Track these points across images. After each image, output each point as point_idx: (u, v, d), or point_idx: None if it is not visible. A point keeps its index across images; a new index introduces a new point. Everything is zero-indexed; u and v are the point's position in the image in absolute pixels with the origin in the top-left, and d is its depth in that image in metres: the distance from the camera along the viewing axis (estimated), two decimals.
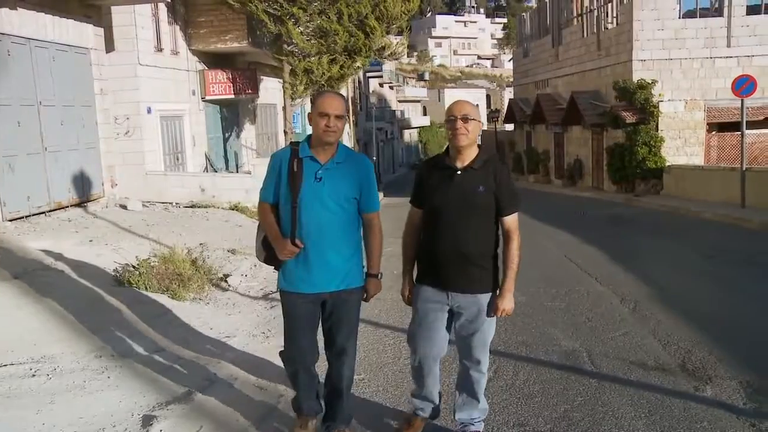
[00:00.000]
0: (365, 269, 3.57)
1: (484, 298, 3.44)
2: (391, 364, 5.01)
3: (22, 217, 9.48)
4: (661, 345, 5.33)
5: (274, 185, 3.44)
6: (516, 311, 6.29)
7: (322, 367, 3.64)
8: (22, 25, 9.41)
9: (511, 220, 3.45)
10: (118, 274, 7.18)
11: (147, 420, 3.81)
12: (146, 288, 6.82)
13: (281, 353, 3.64)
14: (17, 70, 9.36)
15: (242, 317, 6.33)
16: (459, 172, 3.41)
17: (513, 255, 3.43)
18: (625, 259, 9.22)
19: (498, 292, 3.47)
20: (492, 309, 3.45)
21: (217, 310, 6.63)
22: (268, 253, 3.51)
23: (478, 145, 3.46)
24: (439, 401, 3.78)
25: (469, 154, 3.42)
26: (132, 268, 7.34)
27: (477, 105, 3.44)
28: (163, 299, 6.59)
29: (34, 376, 4.32)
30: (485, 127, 49.16)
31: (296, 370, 3.56)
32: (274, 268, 3.54)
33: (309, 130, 3.50)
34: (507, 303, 3.43)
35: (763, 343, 5.40)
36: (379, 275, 3.57)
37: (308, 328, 3.49)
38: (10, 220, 9.17)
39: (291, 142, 3.54)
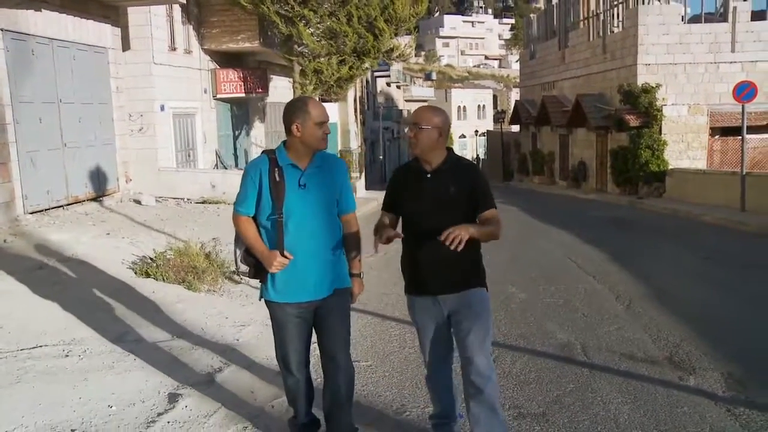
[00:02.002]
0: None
1: (472, 293, 3.36)
2: (397, 353, 5.34)
3: (42, 211, 9.84)
4: (651, 339, 5.65)
5: (254, 197, 3.32)
6: (515, 306, 6.71)
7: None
8: (45, 26, 9.78)
9: (490, 213, 3.31)
10: (136, 266, 7.54)
11: (173, 397, 4.16)
12: (164, 279, 7.17)
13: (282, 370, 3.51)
14: (40, 69, 9.72)
15: (255, 308, 6.64)
16: (429, 176, 3.35)
17: (493, 226, 3.26)
18: (623, 259, 9.52)
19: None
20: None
21: (231, 301, 6.97)
22: (253, 267, 3.38)
23: (448, 148, 3.43)
24: (458, 420, 3.64)
25: (436, 158, 3.34)
26: (150, 260, 7.70)
27: (437, 112, 3.35)
28: (179, 290, 6.94)
29: (67, 356, 4.68)
30: (491, 128, 49.44)
31: (295, 380, 3.47)
32: (260, 281, 3.42)
33: None
34: (460, 229, 3.06)
35: (749, 339, 5.71)
36: (362, 274, 3.55)
37: (303, 335, 3.43)
38: (31, 213, 9.53)
39: (264, 151, 3.42)
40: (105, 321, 5.56)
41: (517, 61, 46.89)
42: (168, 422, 3.82)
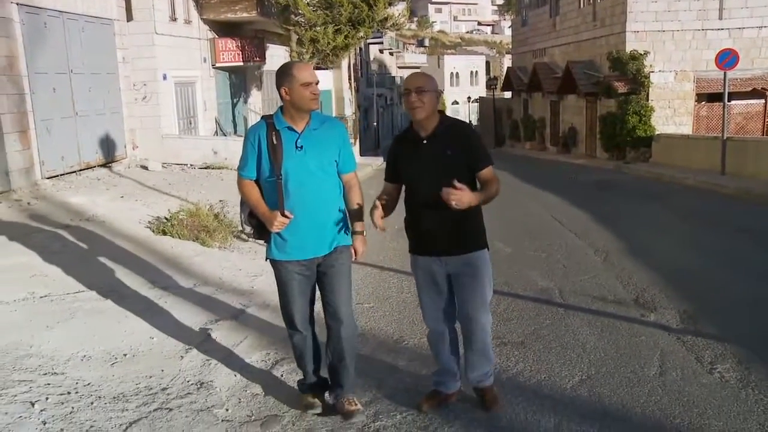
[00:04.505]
0: (350, 228, 3.62)
1: (475, 256, 3.52)
2: (395, 297, 6.03)
3: (57, 176, 10.42)
4: (622, 285, 6.34)
5: (254, 161, 3.47)
6: (501, 259, 7.39)
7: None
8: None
9: (487, 172, 3.47)
10: (153, 225, 8.16)
11: (204, 330, 4.85)
12: (179, 237, 7.81)
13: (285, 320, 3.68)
14: (52, 41, 10.22)
15: (265, 262, 7.26)
16: (425, 141, 3.48)
17: (490, 190, 3.43)
18: (605, 219, 10.18)
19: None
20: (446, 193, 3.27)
21: (242, 256, 7.61)
22: (255, 228, 3.58)
23: (440, 111, 3.54)
24: (458, 376, 3.82)
25: (431, 123, 3.48)
26: (165, 220, 8.32)
27: (432, 77, 3.59)
28: (195, 246, 7.58)
29: (107, 299, 5.33)
30: (483, 94, 49.82)
31: (301, 337, 3.64)
32: (264, 240, 3.61)
33: None
34: (461, 194, 3.25)
35: (708, 285, 6.38)
36: (364, 232, 3.62)
37: (305, 293, 3.59)
38: (48, 178, 10.11)
39: (263, 116, 3.57)
40: (133, 271, 6.20)
41: (510, 27, 47.09)
42: (203, 350, 4.49)
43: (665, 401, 3.83)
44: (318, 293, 3.68)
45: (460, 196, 3.25)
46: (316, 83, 3.41)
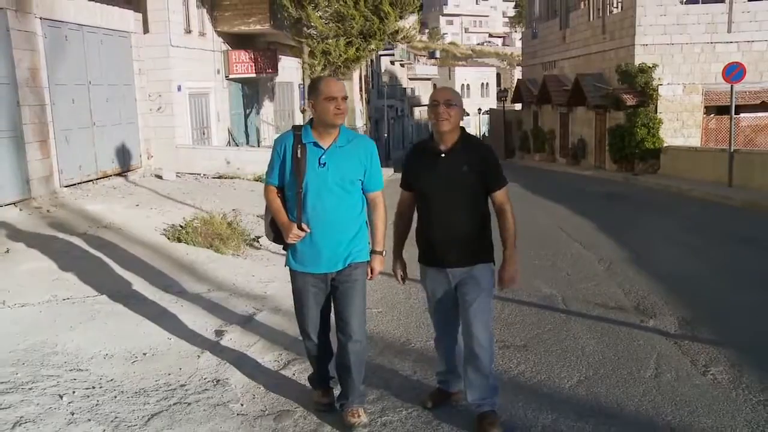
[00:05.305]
0: (370, 246, 3.67)
1: (479, 269, 3.61)
2: (403, 302, 6.23)
3: (75, 184, 10.73)
4: (624, 293, 6.51)
5: (278, 169, 3.54)
6: None
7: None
8: (76, 13, 10.61)
9: (501, 194, 3.60)
10: (168, 232, 8.40)
11: (218, 333, 5.07)
12: (194, 244, 8.03)
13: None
14: (72, 54, 10.56)
15: (277, 269, 7.49)
16: (443, 155, 3.56)
17: (508, 227, 3.58)
18: (611, 229, 10.34)
19: (502, 264, 3.63)
20: (499, 281, 3.62)
21: (255, 263, 7.83)
22: (276, 234, 3.65)
23: (461, 128, 3.63)
24: (462, 375, 3.89)
25: (452, 137, 3.57)
26: (180, 228, 8.56)
27: (459, 93, 3.71)
28: (209, 253, 7.80)
29: (125, 303, 5.57)
30: (494, 106, 50.08)
31: (313, 344, 3.76)
32: (283, 248, 3.69)
33: None
34: (509, 273, 3.60)
35: (707, 292, 6.56)
36: (383, 252, 3.70)
37: (319, 303, 3.66)
38: (66, 186, 10.41)
39: (293, 126, 3.59)
40: (150, 276, 6.44)
41: (520, 40, 47.28)
42: (218, 350, 4.71)
43: (658, 400, 4.01)
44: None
45: (512, 277, 3.62)
46: (343, 98, 3.45)
